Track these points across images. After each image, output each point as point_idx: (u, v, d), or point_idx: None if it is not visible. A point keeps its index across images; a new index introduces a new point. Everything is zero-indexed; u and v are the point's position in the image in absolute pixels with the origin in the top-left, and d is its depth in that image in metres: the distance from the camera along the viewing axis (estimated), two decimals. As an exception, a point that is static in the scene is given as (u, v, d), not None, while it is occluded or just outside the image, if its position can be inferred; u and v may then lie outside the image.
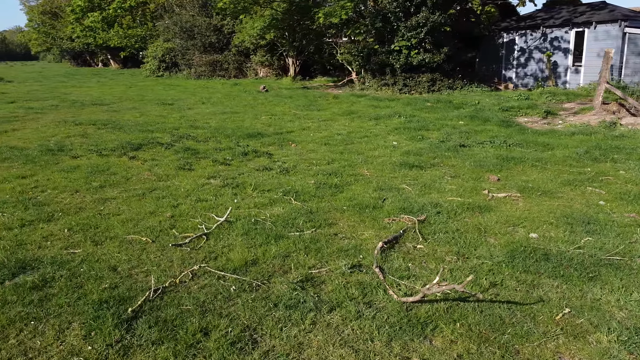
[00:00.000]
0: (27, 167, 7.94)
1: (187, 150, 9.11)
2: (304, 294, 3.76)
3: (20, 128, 11.83)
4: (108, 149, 9.19)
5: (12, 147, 9.52)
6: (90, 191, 6.58)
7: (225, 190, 6.52)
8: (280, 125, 12.24)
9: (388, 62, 18.31)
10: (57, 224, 5.33)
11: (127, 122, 12.51)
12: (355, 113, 13.89)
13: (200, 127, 11.92)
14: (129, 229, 5.14)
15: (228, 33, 29.72)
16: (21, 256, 4.43)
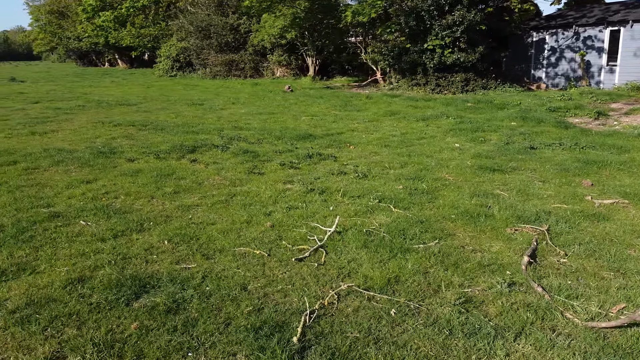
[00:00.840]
0: (86, 171, 7.53)
1: (246, 152, 8.69)
2: (474, 317, 3.35)
3: (57, 129, 11.40)
4: (162, 152, 8.77)
5: (59, 149, 9.09)
6: (166, 197, 6.16)
7: (312, 197, 6.10)
8: (326, 126, 11.83)
9: (420, 62, 17.91)
10: (152, 234, 4.92)
11: (166, 123, 12.09)
12: (397, 113, 13.48)
13: (244, 128, 11.50)
14: (233, 240, 4.72)
15: (244, 32, 29.30)
16: (132, 272, 4.02)
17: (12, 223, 5.17)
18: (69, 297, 3.62)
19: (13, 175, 7.26)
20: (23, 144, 9.66)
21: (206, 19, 29.71)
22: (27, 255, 4.40)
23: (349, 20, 19.34)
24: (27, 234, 4.91)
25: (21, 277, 3.97)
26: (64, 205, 5.88)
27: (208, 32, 29.66)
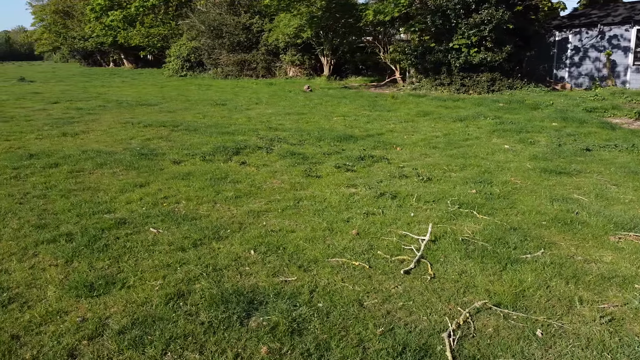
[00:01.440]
0: (133, 174, 7.22)
1: (293, 154, 8.38)
2: (628, 338, 3.05)
3: (87, 130, 11.09)
4: (206, 154, 8.47)
5: (97, 150, 8.79)
6: (230, 202, 5.86)
7: (385, 202, 5.80)
8: (362, 127, 11.53)
9: (445, 61, 17.61)
10: (232, 243, 4.61)
11: (196, 124, 11.78)
12: (430, 114, 13.19)
13: (279, 129, 11.20)
14: (323, 250, 4.42)
15: (257, 32, 28.98)
16: (231, 286, 3.71)
17: (80, 231, 4.87)
18: (174, 315, 3.31)
19: (60, 179, 6.95)
20: (57, 146, 9.35)
21: (218, 18, 29.39)
22: (109, 267, 4.09)
23: (370, 19, 19.03)
24: (100, 242, 4.60)
25: (112, 291, 3.67)
26: (125, 210, 5.57)
27: (220, 31, 29.33)
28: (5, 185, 6.62)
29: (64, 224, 5.11)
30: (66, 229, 4.96)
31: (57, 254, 4.33)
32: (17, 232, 4.92)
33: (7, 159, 8.24)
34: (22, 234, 4.86)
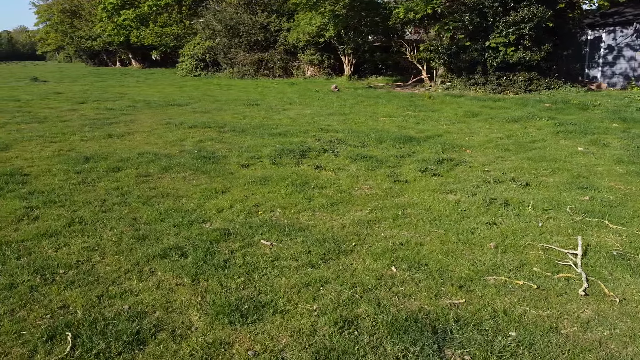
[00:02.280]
0: (205, 178, 6.80)
1: (364, 157, 7.96)
2: None
3: (130, 131, 10.65)
4: (271, 156, 8.05)
5: (154, 153, 8.35)
6: (328, 210, 5.44)
7: (499, 210, 5.38)
8: (415, 127, 11.11)
9: (480, 60, 17.18)
10: (363, 258, 4.20)
11: (241, 125, 11.37)
12: (478, 114, 12.76)
13: (329, 130, 10.76)
14: (471, 266, 4.00)
15: (274, 31, 28.54)
16: (398, 311, 3.30)
17: (190, 245, 4.44)
18: (357, 347, 2.89)
19: (130, 184, 6.52)
20: (108, 148, 8.91)
21: (235, 17, 28.93)
22: (244, 287, 3.66)
23: (401, 17, 18.58)
24: (217, 257, 4.17)
25: (265, 317, 3.24)
26: (221, 220, 5.14)
27: (237, 30, 28.88)
28: (77, 191, 6.17)
29: (165, 236, 4.67)
30: (171, 241, 4.53)
31: (177, 271, 3.90)
32: (118, 245, 4.49)
33: (64, 162, 7.80)
34: (125, 247, 4.42)
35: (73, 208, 5.54)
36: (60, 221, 5.08)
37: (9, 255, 4.24)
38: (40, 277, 3.83)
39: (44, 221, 5.11)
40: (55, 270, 3.96)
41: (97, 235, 4.73)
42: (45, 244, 4.50)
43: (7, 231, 4.84)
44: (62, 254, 4.28)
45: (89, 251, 4.35)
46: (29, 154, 8.43)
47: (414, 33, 22.11)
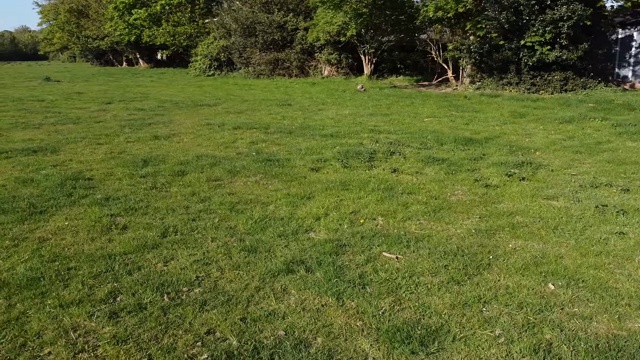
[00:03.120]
0: (278, 183, 6.46)
1: (435, 160, 7.61)
2: None
3: (174, 132, 10.30)
4: (337, 159, 7.68)
5: (211, 156, 8.01)
6: (433, 218, 5.09)
7: (619, 218, 5.02)
8: (466, 128, 10.77)
9: (514, 60, 16.83)
10: (509, 272, 3.83)
11: (285, 126, 11.02)
12: (525, 115, 12.42)
13: (381, 131, 10.40)
14: (631, 284, 3.62)
15: (291, 30, 28.17)
16: (584, 335, 2.91)
17: (309, 258, 4.08)
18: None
19: (204, 189, 6.17)
20: (159, 150, 8.55)
21: (251, 16, 28.55)
22: (399, 309, 3.30)
23: (430, 15, 18.22)
24: (348, 273, 3.82)
25: (446, 345, 2.87)
26: (325, 230, 4.79)
27: (253, 29, 28.50)
28: (153, 197, 5.81)
29: (277, 248, 4.31)
30: (286, 254, 4.17)
31: (313, 289, 3.54)
32: (230, 258, 4.13)
33: (122, 165, 7.44)
34: (240, 261, 4.06)
35: (158, 216, 5.18)
36: (153, 231, 4.71)
37: (118, 270, 3.87)
38: (166, 296, 3.46)
39: (135, 231, 4.75)
40: (177, 287, 3.59)
41: (201, 246, 4.37)
42: (151, 257, 4.13)
43: (101, 242, 4.47)
44: (175, 269, 3.92)
45: (202, 265, 3.98)
46: (81, 157, 8.07)
47: (437, 32, 21.73)
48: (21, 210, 5.30)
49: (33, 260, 4.07)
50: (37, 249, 4.31)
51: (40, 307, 3.34)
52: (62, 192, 6.00)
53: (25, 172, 7.08)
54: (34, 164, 7.55)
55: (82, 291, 3.55)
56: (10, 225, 4.93)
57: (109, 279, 3.73)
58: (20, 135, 10.19)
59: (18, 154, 8.28)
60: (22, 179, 6.59)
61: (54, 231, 4.76)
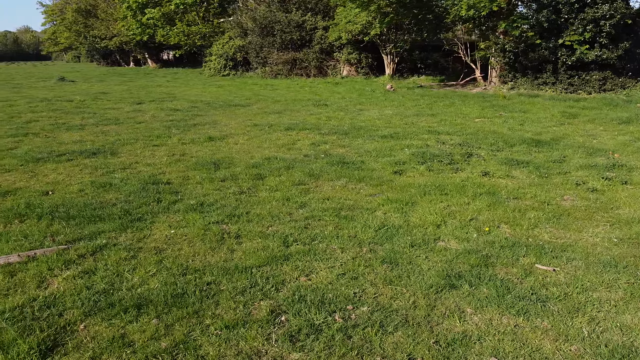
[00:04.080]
0: (366, 187, 6.19)
1: (519, 163, 7.31)
2: None
3: (227, 134, 10.01)
4: (416, 162, 7.38)
5: (281, 158, 7.72)
6: (558, 226, 4.80)
7: None
8: (522, 128, 10.48)
9: (551, 59, 16.53)
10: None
11: (336, 127, 10.75)
12: (576, 115, 12.13)
13: (438, 132, 10.10)
14: None
15: (310, 29, 27.86)
16: None
17: (464, 271, 3.76)
18: None
19: (296, 193, 5.87)
20: (221, 153, 8.26)
21: (269, 15, 28.23)
22: (610, 332, 2.97)
23: (462, 14, 17.90)
24: (515, 288, 3.49)
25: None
26: (454, 239, 4.48)
27: (272, 29, 28.18)
28: (247, 203, 5.50)
29: (416, 259, 4.02)
30: (432, 266, 3.88)
31: (491, 307, 3.24)
32: (373, 271, 3.82)
33: (194, 167, 7.14)
34: (387, 274, 3.76)
35: (265, 223, 4.87)
36: (272, 240, 4.41)
37: (263, 285, 3.56)
38: (337, 315, 3.15)
39: (252, 240, 4.44)
40: (340, 305, 3.28)
41: (334, 258, 4.06)
42: (289, 270, 3.82)
43: (223, 253, 4.16)
44: (322, 283, 3.61)
45: (350, 279, 3.67)
46: (144, 159, 7.76)
47: (466, 31, 21.43)
48: (117, 218, 4.98)
49: (162, 274, 3.76)
50: (160, 261, 4.00)
51: (204, 329, 3.02)
52: (148, 197, 5.68)
53: (95, 175, 6.76)
54: (100, 166, 7.23)
55: (239, 310, 3.24)
56: (114, 233, 4.61)
57: (259, 296, 3.42)
58: (66, 136, 9.88)
59: (78, 156, 7.97)
60: (99, 183, 6.27)
61: (164, 240, 4.44)
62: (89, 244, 4.32)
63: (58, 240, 4.46)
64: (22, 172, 7.04)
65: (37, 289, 3.60)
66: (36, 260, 4.02)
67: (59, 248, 4.24)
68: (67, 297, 3.45)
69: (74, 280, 3.69)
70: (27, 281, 3.71)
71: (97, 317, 3.21)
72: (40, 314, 3.25)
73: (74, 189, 6.09)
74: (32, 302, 3.39)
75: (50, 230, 4.72)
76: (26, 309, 3.29)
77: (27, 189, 6.15)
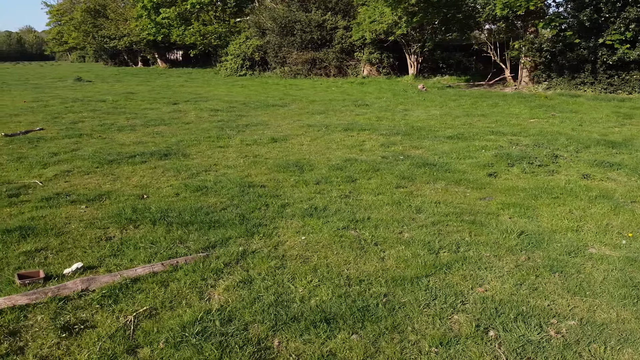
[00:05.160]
0: (470, 191, 5.98)
1: (610, 165, 7.14)
2: None
3: (284, 135, 9.80)
4: (504, 164, 7.19)
5: (361, 160, 7.51)
6: None
7: None
8: (582, 129, 10.34)
9: (590, 59, 16.35)
10: None
11: (390, 128, 10.56)
12: (632, 116, 11.99)
13: (503, 133, 9.92)
14: None
15: (330, 29, 27.65)
16: None
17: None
18: None
19: (401, 197, 5.69)
20: (294, 155, 8.08)
21: (289, 14, 28.02)
22: None
23: (497, 13, 17.71)
24: None
25: None
26: (607, 246, 4.28)
27: (292, 28, 27.96)
28: (358, 207, 5.30)
29: (584, 268, 3.79)
30: (606, 276, 3.65)
31: None
32: (551, 281, 3.60)
33: (276, 170, 6.96)
34: (569, 285, 3.54)
35: (394, 229, 4.69)
36: (417, 248, 4.21)
37: (445, 297, 3.36)
38: (551, 331, 2.93)
39: (393, 247, 4.24)
40: (544, 320, 3.07)
41: (499, 268, 3.85)
42: (458, 280, 3.63)
43: (375, 262, 3.97)
44: (502, 294, 3.39)
45: (531, 290, 3.47)
46: (221, 161, 7.56)
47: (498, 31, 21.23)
48: (238, 223, 4.78)
49: (326, 284, 3.56)
50: (313, 270, 3.80)
51: (416, 346, 2.82)
52: (253, 201, 5.49)
53: (181, 178, 6.56)
54: (180, 168, 7.02)
55: (437, 324, 3.04)
56: (242, 240, 4.42)
57: (448, 309, 3.22)
58: (122, 137, 9.67)
59: (149, 157, 7.76)
60: (193, 186, 6.07)
61: (301, 247, 4.25)
62: (227, 251, 4.11)
63: (188, 247, 4.24)
64: (101, 174, 6.83)
65: (201, 301, 3.39)
66: (181, 269, 3.81)
67: (198, 256, 4.03)
68: (240, 310, 3.24)
69: (236, 291, 3.48)
70: (186, 292, 3.50)
71: (286, 332, 3.00)
72: (224, 328, 3.04)
73: (169, 192, 5.88)
74: (207, 315, 3.18)
75: (171, 236, 4.51)
76: (207, 324, 3.08)
77: (118, 192, 5.94)
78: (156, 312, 3.25)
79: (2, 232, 4.54)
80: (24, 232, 4.58)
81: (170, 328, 3.05)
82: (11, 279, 3.70)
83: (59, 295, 3.43)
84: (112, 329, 3.07)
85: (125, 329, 3.06)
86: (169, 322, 3.12)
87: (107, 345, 2.91)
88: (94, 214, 5.15)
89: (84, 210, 5.26)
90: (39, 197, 5.67)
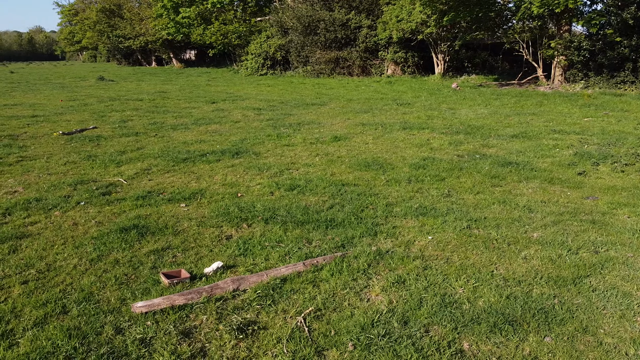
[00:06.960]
0: (570, 190, 5.85)
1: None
2: None
3: (343, 135, 9.68)
4: (588, 163, 7.05)
5: (439, 159, 7.37)
6: None
7: None
8: (647, 129, 10.09)
9: (631, 57, 16.16)
10: None
11: (442, 127, 10.40)
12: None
13: (564, 132, 9.80)
14: None
15: (354, 28, 27.53)
16: None
17: None
18: None
19: (503, 197, 5.53)
20: (364, 154, 7.99)
21: (313, 13, 27.91)
22: None
23: (534, 12, 17.53)
24: None
25: None
26: None
27: (315, 27, 27.85)
28: (464, 206, 5.18)
29: None
30: None
31: None
32: None
33: (358, 168, 6.90)
34: None
35: (517, 229, 4.58)
36: (556, 248, 4.07)
37: (619, 300, 3.22)
38: None
39: (530, 248, 4.12)
40: None
41: (649, 267, 3.71)
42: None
43: (521, 261, 3.85)
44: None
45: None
46: (297, 160, 7.45)
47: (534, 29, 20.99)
48: (355, 223, 4.69)
49: (486, 285, 3.44)
50: (463, 269, 3.69)
51: (616, 350, 2.69)
52: (355, 200, 5.39)
53: (266, 176, 6.49)
54: (261, 167, 6.93)
55: (632, 327, 2.91)
56: (368, 239, 4.32)
57: (638, 312, 3.09)
58: (180, 136, 9.60)
59: (221, 156, 7.68)
60: (286, 185, 5.98)
61: (435, 247, 4.13)
62: (362, 251, 4.01)
63: (319, 247, 4.15)
64: (181, 172, 6.75)
65: (362, 302, 3.29)
66: (323, 269, 3.71)
67: (335, 255, 3.93)
68: (409, 311, 3.14)
69: (395, 292, 3.38)
70: (342, 293, 3.40)
71: (470, 334, 2.89)
72: (406, 331, 2.93)
73: (262, 191, 5.79)
74: (381, 316, 3.08)
75: (293, 235, 4.41)
76: (386, 326, 2.98)
77: (210, 190, 5.85)
78: (322, 314, 3.15)
79: (120, 231, 4.46)
80: (139, 230, 4.50)
81: (348, 330, 2.95)
82: (155, 279, 3.61)
83: (214, 296, 3.34)
84: (285, 330, 2.97)
85: (300, 331, 2.96)
86: (342, 324, 3.02)
87: (291, 347, 2.81)
88: (199, 212, 5.07)
89: (187, 209, 5.17)
90: (133, 196, 5.59)
